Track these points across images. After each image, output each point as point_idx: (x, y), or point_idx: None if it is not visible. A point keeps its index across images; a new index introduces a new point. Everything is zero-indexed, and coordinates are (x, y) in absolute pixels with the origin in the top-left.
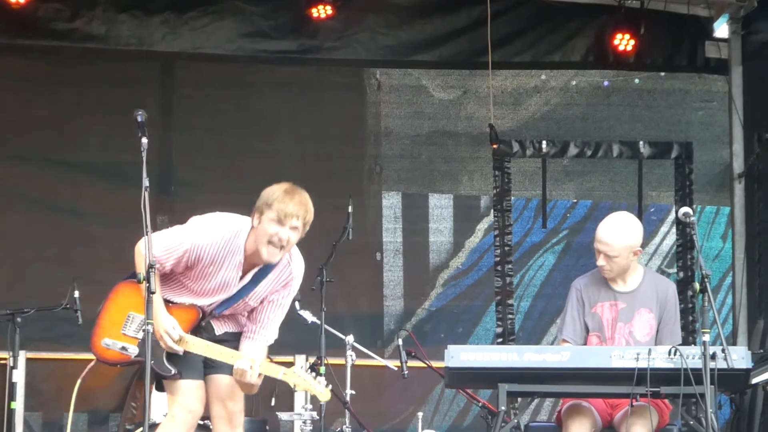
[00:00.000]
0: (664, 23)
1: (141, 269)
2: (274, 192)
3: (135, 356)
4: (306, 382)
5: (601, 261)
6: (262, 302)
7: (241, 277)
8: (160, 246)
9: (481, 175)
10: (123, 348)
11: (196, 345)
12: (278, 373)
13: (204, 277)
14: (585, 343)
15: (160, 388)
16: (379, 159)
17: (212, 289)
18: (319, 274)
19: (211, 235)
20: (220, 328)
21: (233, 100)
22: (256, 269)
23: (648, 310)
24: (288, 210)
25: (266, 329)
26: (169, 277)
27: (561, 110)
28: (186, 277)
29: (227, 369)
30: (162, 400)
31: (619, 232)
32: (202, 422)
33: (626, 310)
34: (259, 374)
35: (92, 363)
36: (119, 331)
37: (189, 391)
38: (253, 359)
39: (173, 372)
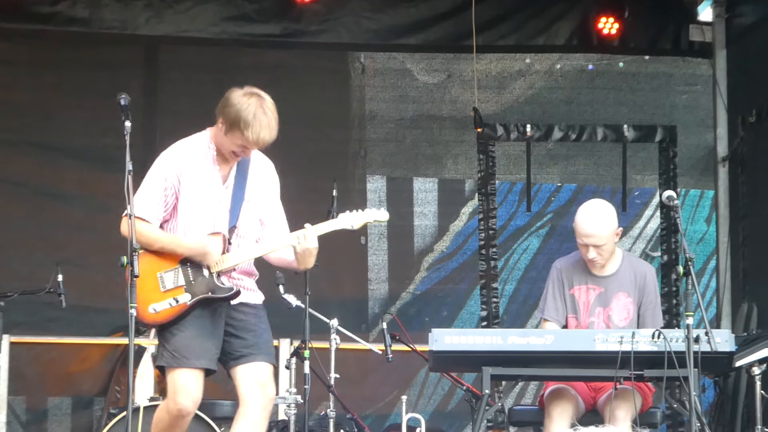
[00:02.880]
0: (647, 7)
1: (144, 239)
2: (248, 110)
3: (191, 300)
4: (362, 216)
5: (591, 254)
6: (263, 210)
7: (224, 182)
8: (142, 205)
9: (465, 158)
10: (174, 300)
11: (237, 256)
12: (331, 225)
13: (195, 198)
14: (566, 324)
15: (162, 371)
16: (363, 143)
17: (208, 202)
18: None
19: (174, 150)
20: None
21: (217, 83)
22: (234, 170)
23: (626, 294)
24: (260, 138)
25: (280, 223)
26: (172, 227)
27: (545, 94)
28: (184, 214)
29: (262, 356)
30: (146, 383)
31: (601, 221)
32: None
33: (604, 295)
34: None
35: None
36: (160, 292)
37: (185, 383)
38: (295, 233)
39: (234, 288)
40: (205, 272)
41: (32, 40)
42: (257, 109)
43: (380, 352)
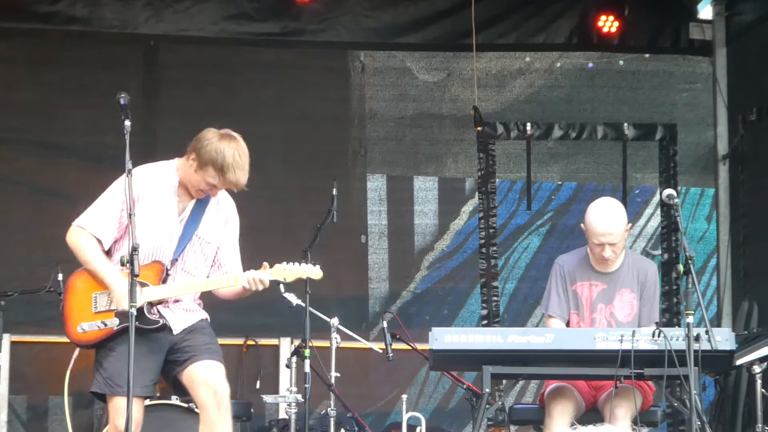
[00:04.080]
0: (647, 5)
1: (83, 257)
2: (227, 152)
3: (117, 326)
4: (294, 270)
5: (607, 252)
6: (215, 249)
7: (179, 213)
8: (95, 222)
9: (465, 157)
10: (102, 323)
11: (169, 289)
12: (266, 275)
13: (145, 224)
14: (569, 319)
15: (102, 398)
16: (363, 141)
17: (157, 230)
18: (304, 257)
19: (138, 173)
20: (177, 324)
21: (217, 82)
22: (192, 204)
23: (629, 290)
24: (239, 180)
25: (231, 264)
26: (119, 246)
27: (545, 92)
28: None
29: (206, 355)
30: None
31: (615, 219)
32: (186, 405)
33: (607, 291)
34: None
35: (77, 351)
36: (91, 313)
37: (121, 409)
38: (242, 274)
39: (161, 322)
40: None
41: (32, 39)
42: (235, 152)
43: (381, 351)
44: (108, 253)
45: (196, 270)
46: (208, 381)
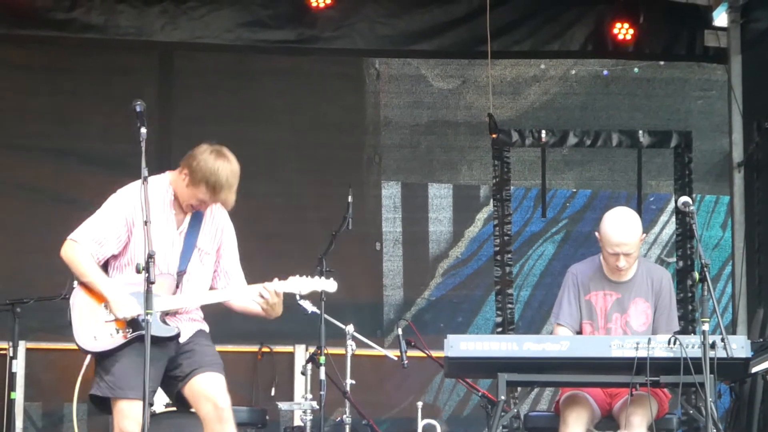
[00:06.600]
0: (663, 12)
1: (79, 270)
2: (220, 172)
3: (131, 334)
4: (308, 284)
5: (622, 262)
6: (217, 256)
7: (178, 226)
8: (91, 236)
9: (480, 164)
10: (115, 331)
11: (182, 300)
12: (281, 287)
13: (145, 237)
14: (580, 329)
15: (104, 409)
16: (378, 149)
17: (160, 244)
18: (319, 264)
19: (133, 188)
20: (185, 333)
21: (232, 89)
22: (189, 217)
23: (643, 299)
24: (228, 200)
25: (236, 273)
26: (119, 264)
27: (560, 99)
28: (133, 252)
29: (208, 367)
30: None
31: (630, 229)
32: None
33: (621, 301)
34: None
35: (88, 357)
36: (103, 322)
37: (126, 412)
38: (256, 285)
39: (177, 330)
40: (150, 312)
41: (48, 47)
42: (229, 173)
43: (396, 358)
44: (105, 269)
45: (201, 281)
46: (208, 395)
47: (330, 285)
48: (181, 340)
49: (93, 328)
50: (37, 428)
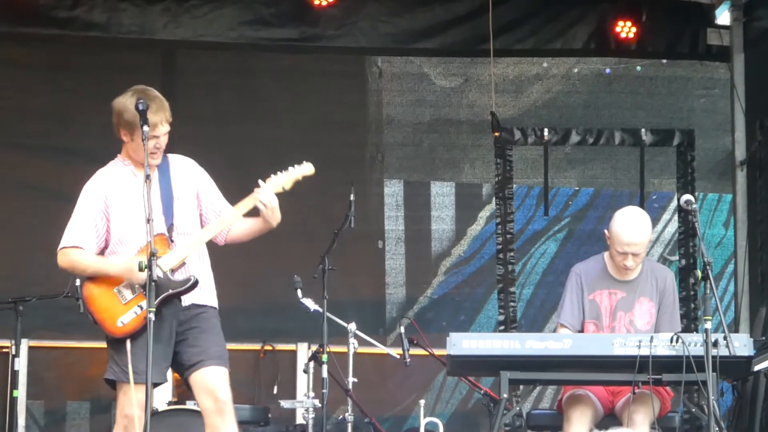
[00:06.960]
0: (665, 10)
1: (80, 267)
2: (132, 98)
3: (156, 301)
4: (288, 176)
5: (629, 262)
6: (198, 202)
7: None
8: (74, 233)
9: (482, 162)
10: (138, 308)
11: (183, 249)
12: (267, 189)
13: (125, 211)
14: (582, 329)
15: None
16: (380, 147)
17: (139, 210)
18: (321, 262)
19: (96, 177)
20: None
21: (235, 88)
22: (155, 175)
23: (648, 298)
24: (156, 120)
25: (221, 207)
26: (114, 250)
27: (563, 98)
28: (118, 231)
29: (212, 360)
30: (164, 387)
31: (641, 229)
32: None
33: (626, 299)
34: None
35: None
36: (122, 306)
37: (126, 393)
38: (243, 203)
39: (192, 278)
40: (158, 273)
41: (50, 45)
42: (138, 96)
43: (398, 356)
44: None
45: (192, 229)
46: (210, 387)
47: (307, 168)
48: (195, 300)
49: (115, 313)
50: (40, 426)
